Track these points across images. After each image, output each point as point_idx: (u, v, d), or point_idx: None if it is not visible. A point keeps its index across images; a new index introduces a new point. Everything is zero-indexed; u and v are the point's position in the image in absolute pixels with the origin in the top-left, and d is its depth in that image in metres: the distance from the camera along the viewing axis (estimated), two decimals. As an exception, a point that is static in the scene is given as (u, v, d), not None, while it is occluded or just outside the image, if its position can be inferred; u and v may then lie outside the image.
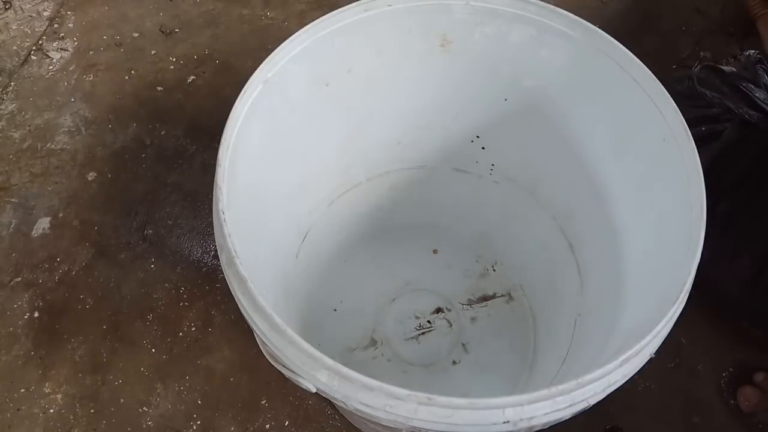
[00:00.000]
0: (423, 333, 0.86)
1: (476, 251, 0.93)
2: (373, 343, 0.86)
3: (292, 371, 0.46)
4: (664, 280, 0.54)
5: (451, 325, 0.87)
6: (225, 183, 0.53)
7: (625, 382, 0.48)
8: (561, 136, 0.73)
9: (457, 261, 0.92)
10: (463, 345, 0.85)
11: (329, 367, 0.44)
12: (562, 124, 0.72)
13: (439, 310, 0.88)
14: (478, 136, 0.80)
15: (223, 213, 0.51)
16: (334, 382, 0.45)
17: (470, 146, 0.82)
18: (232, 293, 0.50)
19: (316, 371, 0.45)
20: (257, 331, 0.47)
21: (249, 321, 0.48)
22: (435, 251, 0.93)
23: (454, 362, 0.84)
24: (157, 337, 0.91)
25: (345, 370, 0.44)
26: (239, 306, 0.49)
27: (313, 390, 0.46)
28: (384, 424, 0.46)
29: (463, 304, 0.88)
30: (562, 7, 0.64)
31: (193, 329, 0.92)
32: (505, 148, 0.80)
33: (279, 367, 0.49)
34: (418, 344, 0.85)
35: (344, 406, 0.46)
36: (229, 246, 0.49)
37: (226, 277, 0.51)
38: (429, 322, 0.87)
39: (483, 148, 0.81)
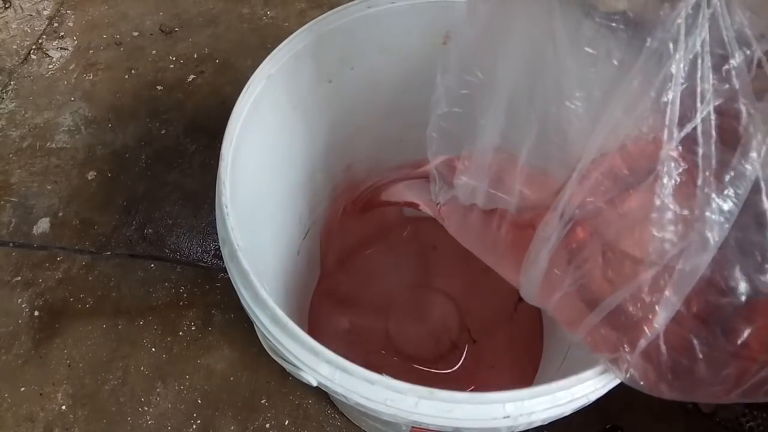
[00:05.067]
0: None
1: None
2: (374, 341, 0.86)
3: (293, 365, 0.46)
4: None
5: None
6: (228, 177, 0.53)
7: (626, 379, 0.48)
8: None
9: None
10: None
11: (330, 360, 0.44)
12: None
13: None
14: (479, 135, 0.80)
15: (227, 206, 0.51)
16: (335, 376, 0.45)
17: (471, 144, 0.81)
18: (234, 287, 0.50)
19: (317, 364, 0.45)
20: (259, 324, 0.47)
21: (251, 314, 0.48)
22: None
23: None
24: (157, 337, 0.91)
25: (346, 363, 0.44)
26: (241, 299, 0.49)
27: (314, 383, 0.46)
28: (384, 419, 0.46)
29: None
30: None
31: (193, 328, 0.92)
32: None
33: (280, 361, 0.49)
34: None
35: (345, 401, 0.46)
36: (232, 239, 0.49)
37: (228, 271, 0.51)
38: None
39: (484, 146, 0.81)
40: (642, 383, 0.43)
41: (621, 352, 0.43)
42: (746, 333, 0.39)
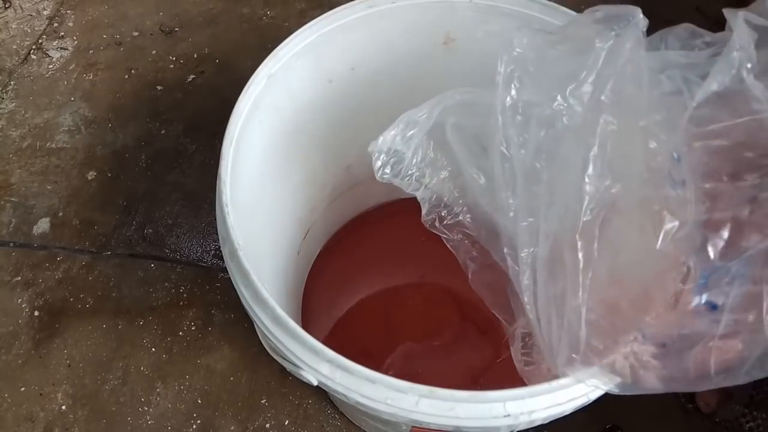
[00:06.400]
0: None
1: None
2: (374, 341, 0.86)
3: (293, 364, 0.46)
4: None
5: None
6: (228, 176, 0.53)
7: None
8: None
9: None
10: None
11: (331, 359, 0.44)
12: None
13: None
14: (479, 135, 0.80)
15: (227, 206, 0.51)
16: (336, 375, 0.45)
17: (472, 145, 0.82)
18: (235, 286, 0.50)
19: (318, 364, 0.45)
20: (259, 324, 0.47)
21: (251, 313, 0.48)
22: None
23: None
24: (157, 337, 0.91)
25: (346, 362, 0.44)
26: (241, 298, 0.49)
27: (315, 383, 0.46)
28: (385, 418, 0.46)
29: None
30: (565, 6, 0.64)
31: (193, 328, 0.92)
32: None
33: (280, 360, 0.49)
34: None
35: (345, 400, 0.46)
36: (233, 238, 0.49)
37: (228, 270, 0.51)
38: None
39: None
40: (617, 389, 0.46)
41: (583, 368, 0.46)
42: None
